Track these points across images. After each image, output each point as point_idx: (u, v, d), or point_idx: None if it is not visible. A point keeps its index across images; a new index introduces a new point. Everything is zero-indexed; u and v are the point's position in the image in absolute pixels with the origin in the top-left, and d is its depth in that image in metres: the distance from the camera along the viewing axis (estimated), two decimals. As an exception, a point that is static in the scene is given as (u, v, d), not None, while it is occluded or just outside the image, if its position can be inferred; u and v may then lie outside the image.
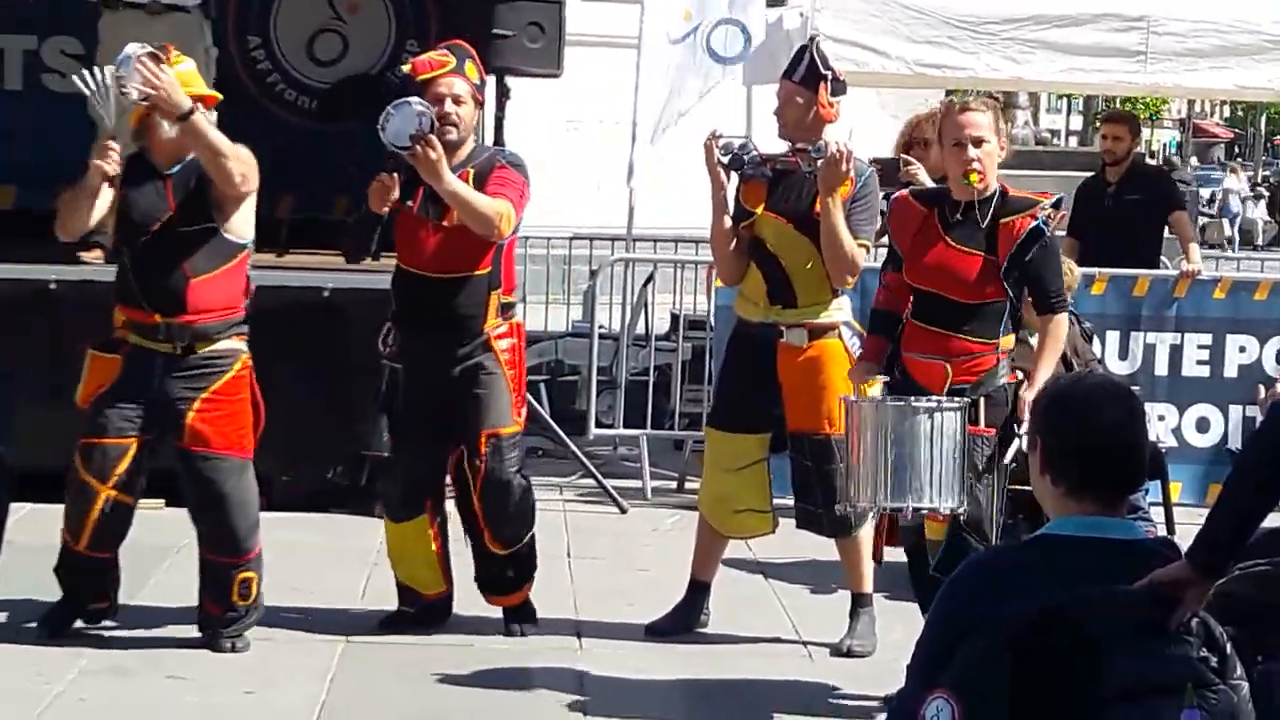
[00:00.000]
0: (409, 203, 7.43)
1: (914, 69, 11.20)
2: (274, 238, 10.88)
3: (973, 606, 3.36)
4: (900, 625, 7.23)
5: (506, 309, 7.56)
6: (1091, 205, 11.61)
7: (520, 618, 7.70)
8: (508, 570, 7.68)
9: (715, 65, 11.13)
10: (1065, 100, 45.40)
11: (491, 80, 11.23)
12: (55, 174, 7.91)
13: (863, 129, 13.98)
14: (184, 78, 7.31)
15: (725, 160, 7.49)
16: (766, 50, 11.28)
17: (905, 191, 7.01)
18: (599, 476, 10.41)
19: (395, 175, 7.30)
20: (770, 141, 7.82)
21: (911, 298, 6.86)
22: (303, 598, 8.09)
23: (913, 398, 6.58)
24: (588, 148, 14.04)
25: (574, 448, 10.60)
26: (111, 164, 7.17)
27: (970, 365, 6.72)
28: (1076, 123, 46.51)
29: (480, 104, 7.64)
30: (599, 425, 11.18)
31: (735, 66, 11.31)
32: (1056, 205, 6.82)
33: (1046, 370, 6.66)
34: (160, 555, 8.35)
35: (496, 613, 7.73)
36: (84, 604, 7.48)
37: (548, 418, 10.74)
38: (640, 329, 12.21)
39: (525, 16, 10.16)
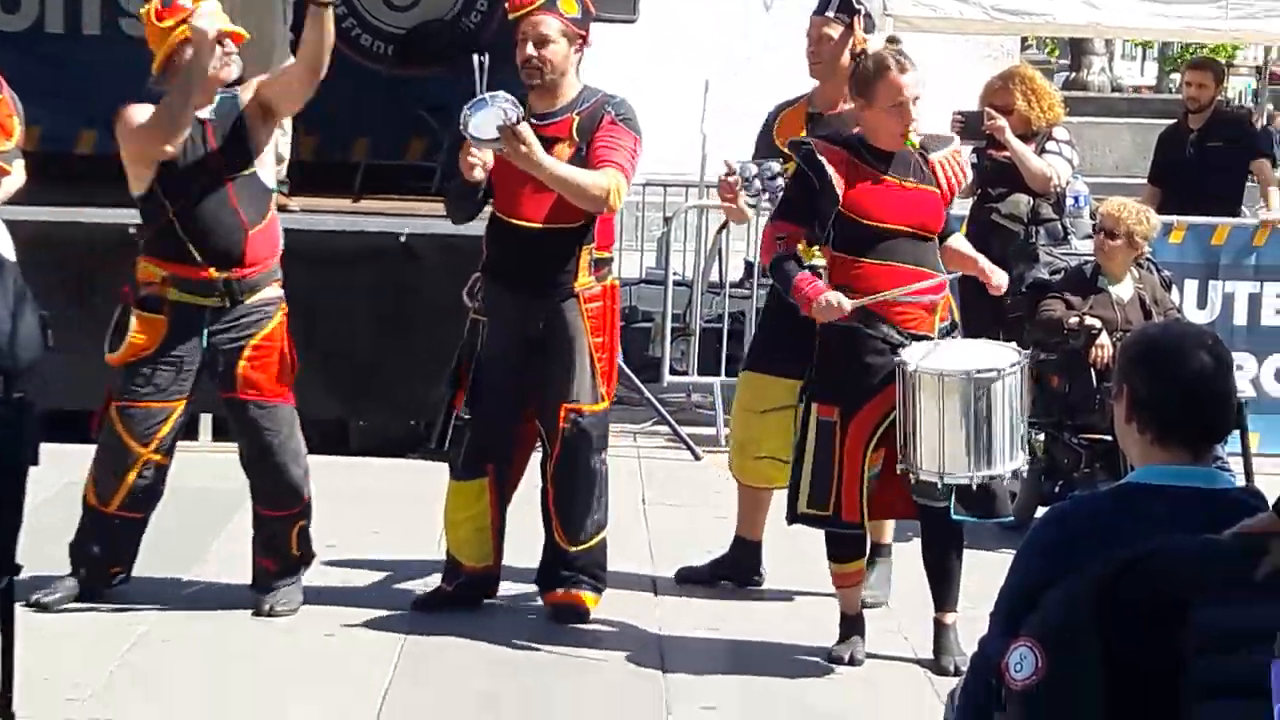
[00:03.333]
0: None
1: (992, 15, 11.16)
2: (349, 183, 10.96)
3: (1056, 555, 3.36)
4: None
5: (601, 265, 7.23)
6: (1173, 153, 11.55)
7: (571, 616, 7.28)
8: (574, 571, 7.28)
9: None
10: (1141, 48, 44.91)
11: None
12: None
13: (940, 78, 13.90)
14: (220, 12, 7.04)
15: (750, 198, 7.48)
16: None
17: (819, 140, 6.88)
18: (674, 424, 10.45)
19: (463, 121, 6.83)
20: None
21: (857, 243, 6.70)
22: (381, 543, 8.16)
23: (980, 366, 6.55)
24: (660, 93, 14.04)
25: (649, 395, 10.64)
26: None
27: (945, 300, 6.84)
28: (1151, 70, 45.99)
29: (580, 39, 7.11)
30: (673, 372, 11.21)
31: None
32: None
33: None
34: (239, 498, 8.40)
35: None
36: (104, 569, 7.27)
37: (622, 365, 10.75)
38: (714, 276, 12.21)
39: (603, -41, 10.14)
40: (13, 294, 3.76)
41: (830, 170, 6.71)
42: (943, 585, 6.87)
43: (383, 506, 8.81)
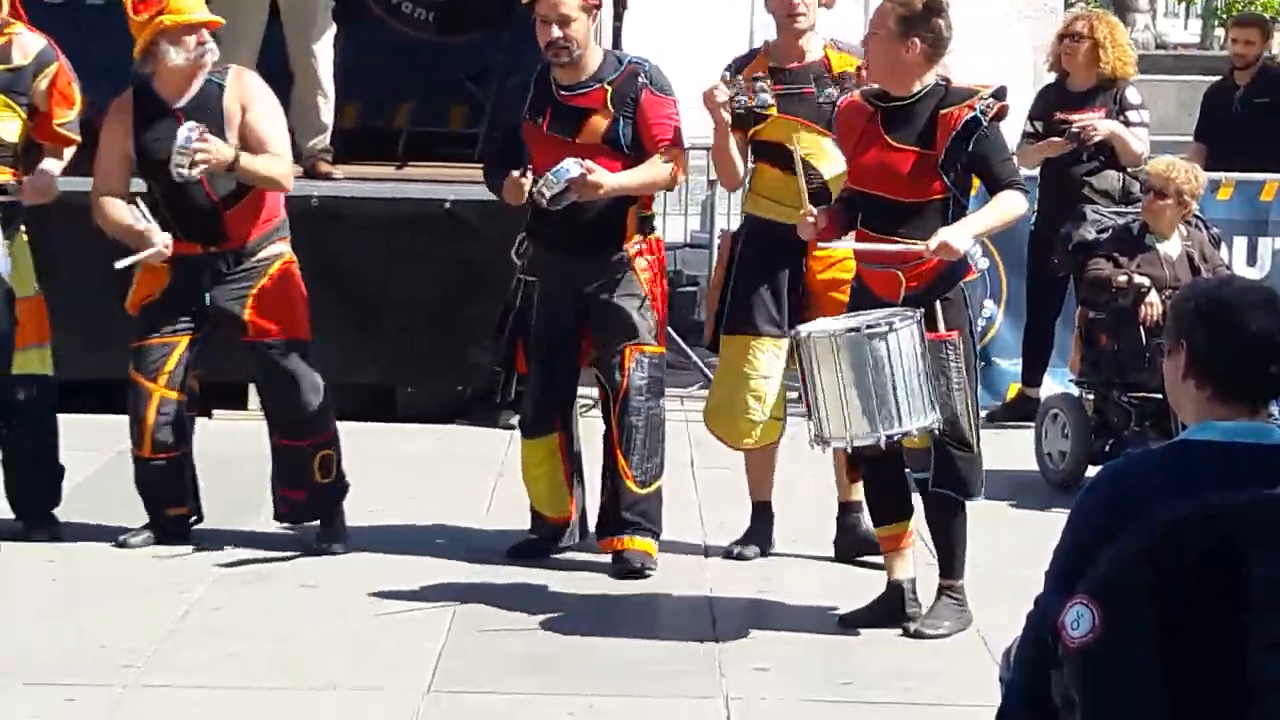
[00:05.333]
0: (540, 119, 7.29)
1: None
2: (392, 150, 10.96)
3: (1111, 512, 3.34)
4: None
5: (645, 223, 7.42)
6: (1219, 110, 11.49)
7: (634, 562, 7.38)
8: (636, 517, 7.37)
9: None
10: (1184, 4, 44.67)
11: (611, -10, 11.22)
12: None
13: (981, 34, 13.85)
14: (187, 4, 7.27)
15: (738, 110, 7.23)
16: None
17: (855, 93, 6.88)
18: (720, 387, 10.41)
19: (526, 173, 7.10)
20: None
21: (854, 205, 6.72)
22: (430, 509, 8.17)
23: (864, 323, 6.46)
24: (705, 58, 14.05)
25: (695, 358, 10.63)
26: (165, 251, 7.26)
27: (922, 269, 6.57)
28: (1195, 27, 45.80)
29: (595, 7, 7.32)
30: (718, 335, 11.17)
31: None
32: (998, 95, 6.63)
33: (975, 223, 6.62)
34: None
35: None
36: (162, 512, 7.55)
37: (668, 328, 10.75)
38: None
39: (642, -76, 10.13)
40: None
41: (840, 136, 6.87)
42: (939, 552, 6.86)
43: (429, 472, 8.82)
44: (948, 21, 6.67)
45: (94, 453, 8.24)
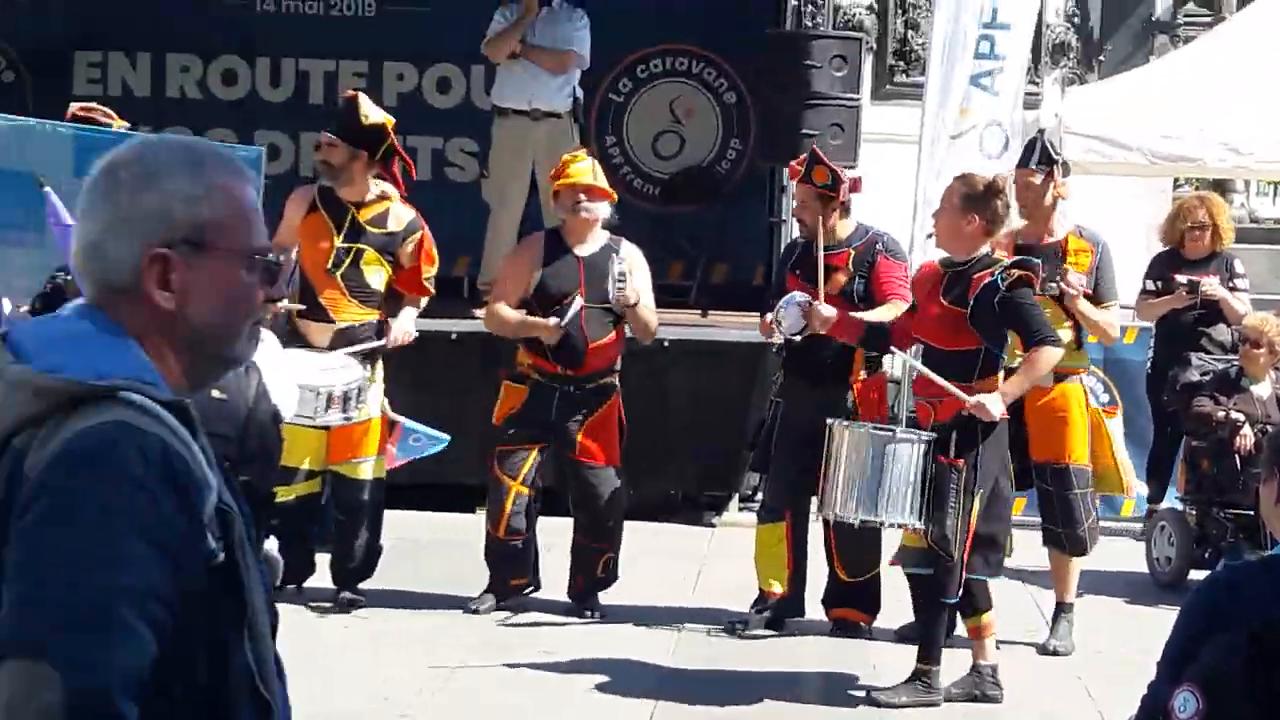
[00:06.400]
0: (798, 271, 7.51)
1: (1151, 160, 10.95)
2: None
3: (1212, 614, 3.28)
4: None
5: (871, 363, 7.51)
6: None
7: (845, 629, 7.59)
8: (850, 597, 7.58)
9: (986, 162, 10.98)
10: (1273, 185, 43.77)
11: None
12: (456, 248, 8.09)
13: (1104, 208, 13.66)
14: (588, 172, 7.66)
15: None
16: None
17: (936, 260, 6.86)
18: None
19: (776, 320, 7.25)
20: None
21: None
22: (644, 592, 8.10)
23: (875, 425, 6.62)
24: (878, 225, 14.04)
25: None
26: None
27: (949, 404, 6.50)
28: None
29: (831, 197, 7.39)
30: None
31: (998, 162, 11.14)
32: (1020, 264, 6.54)
33: (1012, 387, 6.51)
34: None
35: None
36: (506, 582, 7.71)
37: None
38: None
39: (828, 118, 10.09)
40: (254, 391, 3.58)
41: (914, 291, 6.91)
42: (919, 637, 6.72)
43: (644, 560, 8.77)
44: (1005, 202, 6.70)
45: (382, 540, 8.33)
